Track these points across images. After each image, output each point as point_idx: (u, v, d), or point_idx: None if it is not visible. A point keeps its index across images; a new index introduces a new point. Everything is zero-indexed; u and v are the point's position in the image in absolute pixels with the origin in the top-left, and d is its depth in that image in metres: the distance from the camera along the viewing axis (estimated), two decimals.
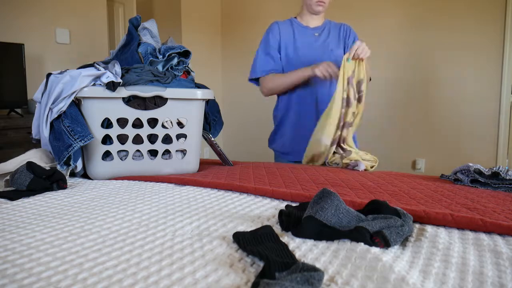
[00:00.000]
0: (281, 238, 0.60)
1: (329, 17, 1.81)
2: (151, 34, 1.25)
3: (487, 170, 0.99)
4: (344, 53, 1.67)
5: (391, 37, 3.58)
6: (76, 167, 1.12)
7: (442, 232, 0.65)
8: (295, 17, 1.79)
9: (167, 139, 1.19)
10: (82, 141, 1.04)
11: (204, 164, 1.40)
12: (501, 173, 0.96)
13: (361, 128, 1.69)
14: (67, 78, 1.07)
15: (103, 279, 0.48)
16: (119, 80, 1.08)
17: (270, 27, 1.75)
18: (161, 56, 1.18)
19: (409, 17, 3.51)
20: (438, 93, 3.42)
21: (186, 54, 1.22)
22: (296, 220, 0.65)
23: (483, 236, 0.63)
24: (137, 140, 1.16)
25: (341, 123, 1.44)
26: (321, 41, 1.73)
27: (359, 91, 1.43)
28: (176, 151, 1.21)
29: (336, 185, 0.99)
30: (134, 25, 1.25)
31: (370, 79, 1.53)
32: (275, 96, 1.81)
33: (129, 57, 1.20)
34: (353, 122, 1.46)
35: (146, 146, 1.16)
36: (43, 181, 0.95)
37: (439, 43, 3.40)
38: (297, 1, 1.83)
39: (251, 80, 1.78)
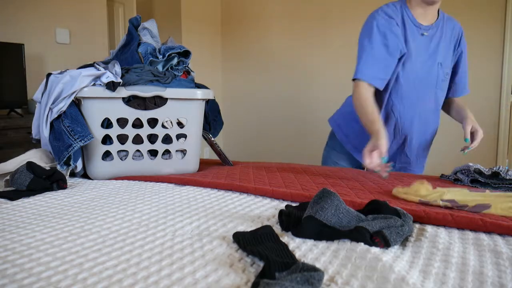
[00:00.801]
0: (281, 238, 0.60)
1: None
2: (151, 34, 1.25)
3: (487, 170, 0.99)
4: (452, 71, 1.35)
5: None
6: (76, 167, 1.12)
7: (442, 232, 0.65)
8: (405, 2, 1.30)
9: (167, 139, 1.19)
10: (82, 141, 1.04)
11: (204, 164, 1.40)
12: (501, 173, 0.97)
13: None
14: (67, 78, 1.07)
15: (103, 279, 0.48)
16: (119, 80, 1.08)
17: (380, 15, 1.27)
18: (161, 56, 1.18)
19: None
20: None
21: (186, 54, 1.22)
22: (296, 220, 0.65)
23: (483, 236, 0.63)
24: (137, 140, 1.16)
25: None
26: (431, 48, 1.30)
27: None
28: (176, 151, 1.21)
29: (336, 185, 0.99)
30: (134, 25, 1.25)
31: None
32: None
33: (129, 57, 1.20)
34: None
35: (146, 146, 1.16)
36: (43, 181, 0.95)
37: None
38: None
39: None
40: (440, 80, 1.34)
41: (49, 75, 1.13)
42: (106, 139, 1.13)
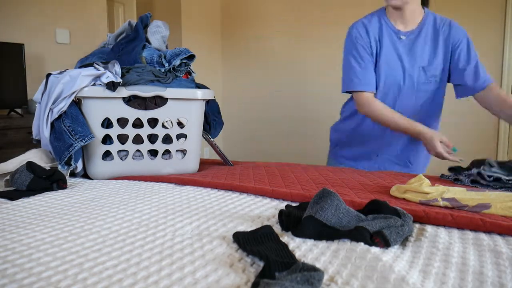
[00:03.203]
0: (281, 238, 0.60)
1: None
2: (163, 38, 1.26)
3: (488, 172, 0.99)
4: (450, 73, 1.36)
5: None
6: (76, 167, 1.12)
7: (442, 232, 0.65)
8: (384, 8, 1.37)
9: (167, 139, 1.19)
10: (83, 141, 1.04)
11: (204, 164, 1.40)
12: (502, 177, 0.96)
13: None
14: (67, 78, 1.07)
15: (103, 279, 0.48)
16: (119, 80, 1.08)
17: (353, 30, 1.37)
18: (167, 64, 1.18)
19: None
20: None
21: (190, 57, 1.22)
22: (296, 220, 0.65)
23: (483, 236, 0.63)
24: (137, 140, 1.16)
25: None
26: (406, 51, 1.32)
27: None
28: (176, 151, 1.21)
29: (336, 185, 0.99)
30: (143, 24, 1.25)
31: None
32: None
33: (133, 57, 1.20)
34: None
35: (146, 146, 1.16)
36: (43, 181, 0.95)
37: None
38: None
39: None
40: (420, 83, 1.36)
41: (48, 75, 1.13)
42: (106, 139, 1.13)
